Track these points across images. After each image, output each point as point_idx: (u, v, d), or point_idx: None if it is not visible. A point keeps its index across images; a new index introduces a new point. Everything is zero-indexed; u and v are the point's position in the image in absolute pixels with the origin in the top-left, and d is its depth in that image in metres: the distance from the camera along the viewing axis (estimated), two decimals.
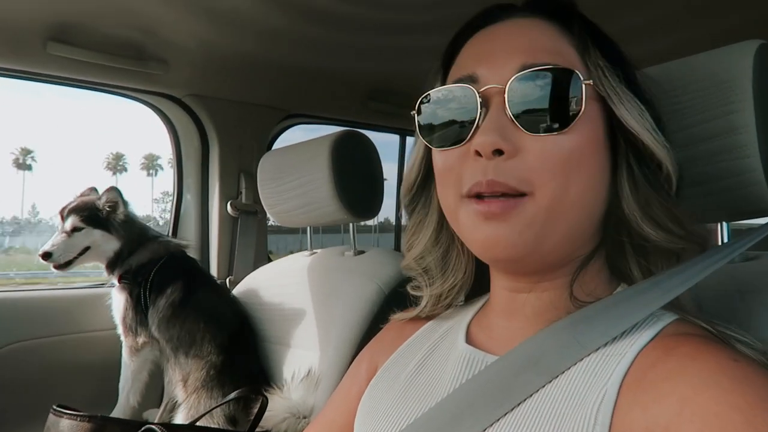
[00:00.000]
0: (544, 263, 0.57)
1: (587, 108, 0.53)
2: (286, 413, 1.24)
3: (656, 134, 0.54)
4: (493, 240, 0.54)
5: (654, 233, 0.54)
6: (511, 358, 0.55)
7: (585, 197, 0.54)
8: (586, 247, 0.58)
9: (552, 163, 0.52)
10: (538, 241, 0.53)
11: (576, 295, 0.56)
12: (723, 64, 0.63)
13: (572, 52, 0.55)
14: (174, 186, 2.03)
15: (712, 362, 0.45)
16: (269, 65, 1.79)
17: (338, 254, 1.51)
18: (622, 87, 0.54)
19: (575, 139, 0.52)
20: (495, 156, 0.53)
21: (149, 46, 1.61)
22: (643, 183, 0.55)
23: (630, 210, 0.55)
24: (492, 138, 0.52)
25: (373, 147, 1.44)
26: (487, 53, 0.57)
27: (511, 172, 0.52)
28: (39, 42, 1.46)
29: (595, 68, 0.54)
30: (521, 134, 0.53)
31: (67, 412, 1.08)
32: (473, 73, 0.56)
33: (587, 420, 0.47)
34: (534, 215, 0.52)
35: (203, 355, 1.47)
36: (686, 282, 0.52)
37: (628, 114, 0.53)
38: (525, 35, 0.56)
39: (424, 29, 1.51)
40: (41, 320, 1.63)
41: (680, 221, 0.54)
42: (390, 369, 0.71)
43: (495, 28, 0.58)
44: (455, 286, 0.69)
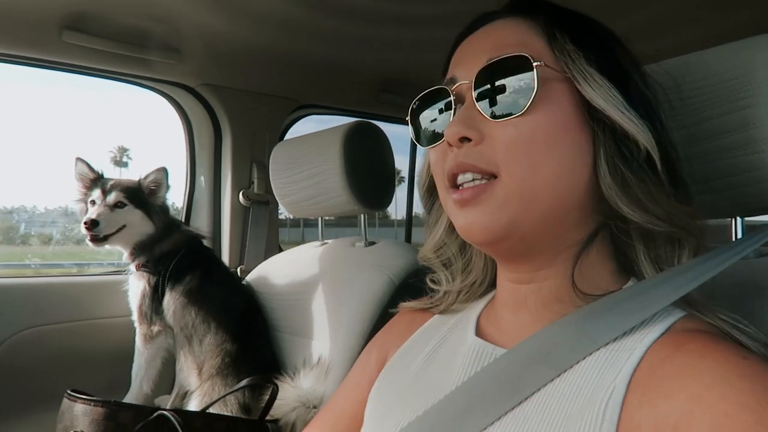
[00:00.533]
0: (530, 246, 0.58)
1: (549, 90, 0.55)
2: (296, 402, 1.25)
3: (626, 111, 0.54)
4: (469, 225, 0.57)
5: (634, 214, 0.54)
6: (521, 350, 0.56)
7: (559, 178, 0.55)
8: (577, 230, 0.58)
9: (516, 144, 0.54)
10: (513, 223, 0.55)
11: (580, 287, 0.56)
12: (738, 58, 0.63)
13: (539, 41, 0.58)
14: (186, 175, 2.04)
15: (722, 360, 0.45)
16: (282, 56, 1.79)
17: (349, 245, 1.52)
18: (588, 68, 0.55)
19: (537, 120, 0.54)
20: (463, 143, 0.57)
21: (163, 36, 1.61)
22: (619, 162, 0.55)
23: (607, 189, 0.55)
24: (456, 128, 0.56)
25: (385, 138, 1.44)
26: (463, 57, 0.62)
27: (477, 156, 0.56)
28: (54, 30, 1.47)
29: (562, 53, 0.56)
30: (488, 122, 0.56)
31: (81, 396, 1.10)
32: (453, 76, 0.61)
33: (595, 416, 0.47)
34: (505, 198, 0.55)
35: (218, 343, 1.48)
36: (698, 278, 0.52)
37: (594, 92, 0.54)
38: (494, 35, 0.60)
39: (437, 21, 1.50)
40: (56, 306, 1.65)
41: (659, 202, 0.54)
42: (400, 360, 0.71)
43: (472, 36, 0.63)
44: (475, 282, 0.71)
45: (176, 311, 1.54)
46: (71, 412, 1.09)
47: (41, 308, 1.62)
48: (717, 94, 0.63)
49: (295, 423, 1.23)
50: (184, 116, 2.00)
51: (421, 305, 0.76)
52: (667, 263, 0.56)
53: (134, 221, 1.59)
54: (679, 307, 0.53)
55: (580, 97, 0.55)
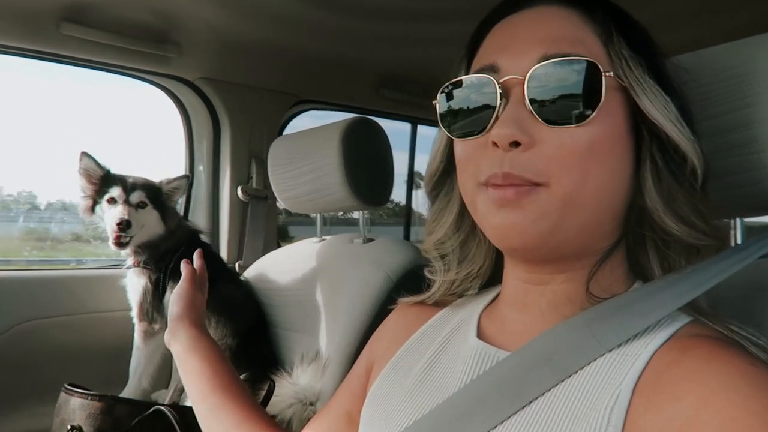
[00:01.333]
0: (560, 254, 0.56)
1: (608, 99, 0.52)
2: (292, 399, 1.25)
3: (681, 126, 0.52)
4: (507, 226, 0.54)
5: (676, 227, 0.53)
6: (524, 354, 0.55)
7: (604, 190, 0.53)
8: (605, 240, 0.57)
9: (570, 155, 0.51)
10: (553, 231, 0.53)
11: (592, 291, 0.55)
12: (740, 57, 0.62)
13: (595, 40, 0.54)
14: (185, 170, 2.03)
15: (730, 365, 0.44)
16: (282, 50, 1.78)
17: (347, 241, 1.51)
18: (645, 77, 0.53)
19: (594, 131, 0.51)
20: (512, 148, 0.52)
21: (162, 29, 1.61)
22: (666, 176, 0.53)
23: (652, 203, 0.54)
24: (509, 130, 0.52)
25: (384, 134, 1.43)
26: (509, 43, 0.56)
27: (527, 165, 0.52)
28: (53, 22, 1.47)
29: (618, 58, 0.53)
30: (540, 126, 0.52)
31: (78, 390, 1.10)
32: (494, 63, 0.55)
33: (600, 421, 0.47)
34: (549, 205, 0.52)
35: (218, 338, 1.48)
36: (705, 283, 0.51)
37: (651, 105, 0.52)
38: (547, 24, 0.55)
39: (439, 17, 1.50)
40: (54, 300, 1.65)
41: (704, 216, 0.53)
42: (401, 362, 0.70)
43: (518, 17, 0.57)
44: (470, 275, 0.69)
45: None
46: (68, 406, 1.09)
47: (39, 301, 1.62)
48: (718, 92, 0.63)
49: (291, 419, 1.23)
50: (182, 110, 1.99)
51: (417, 299, 0.75)
52: (675, 266, 0.55)
53: (151, 222, 1.55)
54: (685, 312, 0.52)
55: (633, 107, 0.53)
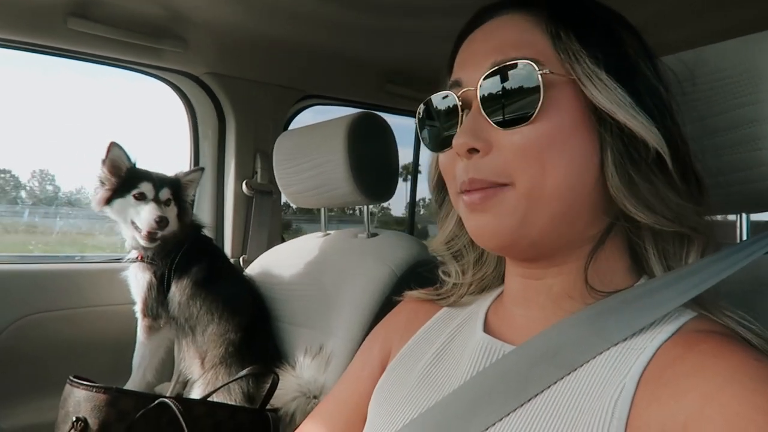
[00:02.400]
0: (545, 248, 0.57)
1: (553, 95, 0.53)
2: (296, 392, 1.25)
3: (634, 111, 0.52)
4: (479, 230, 0.57)
5: (641, 215, 0.53)
6: (529, 348, 0.55)
7: (567, 181, 0.54)
8: (589, 230, 0.57)
9: (525, 153, 0.54)
10: (523, 228, 0.55)
11: (591, 284, 0.56)
12: (748, 53, 0.62)
13: (544, 40, 0.56)
14: (190, 164, 2.04)
15: (735, 361, 0.44)
16: (288, 45, 1.78)
17: (351, 236, 1.52)
18: (595, 69, 0.53)
19: (545, 127, 0.53)
20: (472, 154, 0.56)
21: (169, 24, 1.61)
22: (627, 163, 0.53)
23: (615, 191, 0.54)
24: (463, 139, 0.55)
25: (390, 130, 1.43)
26: (467, 58, 0.60)
27: (487, 169, 0.55)
28: (60, 17, 1.47)
29: (566, 53, 0.54)
30: (495, 131, 0.55)
31: (83, 383, 1.10)
32: (458, 79, 0.60)
33: (604, 414, 0.47)
34: (515, 203, 0.54)
35: (222, 333, 1.48)
36: (710, 279, 0.52)
37: (600, 95, 0.53)
38: (497, 34, 0.58)
39: (444, 12, 1.50)
40: (59, 293, 1.66)
41: (667, 202, 0.53)
42: (408, 356, 0.71)
43: (475, 33, 0.61)
44: (486, 275, 0.71)
45: (182, 302, 1.53)
46: (73, 398, 1.09)
47: (44, 294, 1.63)
48: (724, 89, 0.63)
49: (294, 412, 1.24)
50: (188, 105, 2.00)
51: (427, 296, 0.75)
52: (675, 261, 0.55)
53: (172, 219, 1.55)
54: (690, 307, 0.52)
55: (587, 99, 0.54)
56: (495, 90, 0.55)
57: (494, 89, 0.55)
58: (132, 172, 1.53)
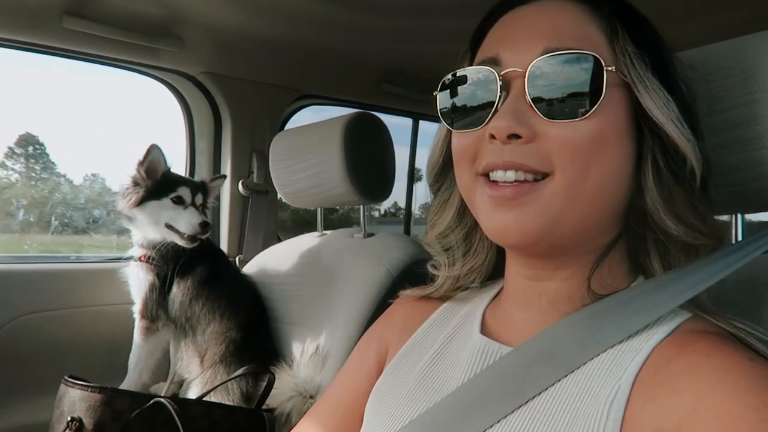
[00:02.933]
0: (558, 249, 0.56)
1: (609, 95, 0.51)
2: (292, 392, 1.25)
3: (681, 126, 0.52)
4: (503, 227, 0.54)
5: (675, 228, 0.53)
6: (526, 350, 0.55)
7: (604, 184, 0.53)
8: (603, 237, 0.57)
9: (571, 148, 0.51)
10: (552, 226, 0.53)
11: (593, 288, 0.55)
12: (747, 52, 0.62)
13: (599, 35, 0.54)
14: (186, 164, 2.03)
15: (728, 360, 0.44)
16: (284, 45, 1.78)
17: (348, 236, 1.51)
18: (648, 74, 0.52)
19: (595, 126, 0.51)
20: (510, 140, 0.52)
21: (165, 23, 1.60)
22: (667, 176, 0.53)
23: (653, 203, 0.53)
24: (507, 122, 0.52)
25: (386, 130, 1.43)
26: (511, 36, 0.56)
27: (529, 155, 0.52)
28: (55, 16, 1.46)
29: (622, 54, 0.53)
30: (540, 119, 0.52)
31: (78, 382, 1.09)
32: (496, 56, 0.55)
33: (600, 415, 0.47)
34: (550, 199, 0.52)
35: (223, 331, 1.48)
36: (706, 280, 0.52)
37: (653, 103, 0.52)
38: (550, 18, 0.55)
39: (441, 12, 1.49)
40: (55, 293, 1.65)
41: (703, 217, 0.53)
42: (406, 357, 0.70)
43: (521, 11, 0.57)
44: (474, 269, 0.69)
45: (184, 303, 1.52)
46: (68, 398, 1.09)
47: (40, 294, 1.62)
48: (723, 88, 0.63)
49: (291, 412, 1.23)
50: (184, 104, 1.99)
51: (420, 293, 0.75)
52: (676, 263, 0.55)
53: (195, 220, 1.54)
54: (686, 308, 0.52)
55: (635, 104, 0.53)
56: (548, 77, 0.51)
57: (548, 76, 0.52)
58: (168, 176, 1.54)
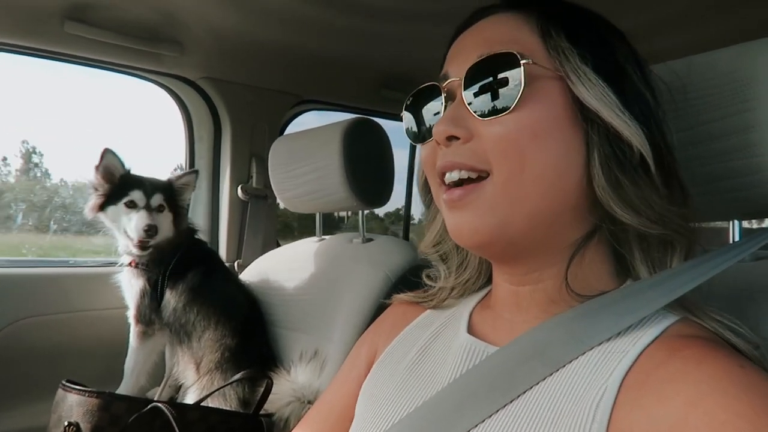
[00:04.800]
0: (520, 248, 0.57)
1: (538, 88, 0.54)
2: (290, 397, 1.25)
3: (621, 113, 0.53)
4: (459, 226, 0.58)
5: (627, 216, 0.53)
6: (515, 348, 0.55)
7: (547, 177, 0.54)
8: (570, 232, 0.57)
9: (504, 142, 0.54)
10: (502, 225, 0.55)
11: (575, 288, 0.56)
12: (741, 61, 0.63)
13: (533, 37, 0.56)
14: (185, 168, 2.04)
15: (719, 367, 0.44)
16: (284, 50, 1.79)
17: (347, 241, 1.52)
18: (583, 67, 0.54)
19: (525, 119, 0.54)
20: (451, 142, 0.57)
21: (165, 28, 1.61)
22: (613, 163, 0.54)
23: (601, 191, 0.54)
24: (444, 126, 0.56)
25: (385, 135, 1.44)
26: (456, 53, 0.61)
27: (467, 153, 0.56)
28: (57, 21, 1.47)
29: (555, 50, 0.55)
30: (476, 120, 0.56)
31: (75, 387, 1.10)
32: (445, 72, 0.61)
33: (586, 416, 0.47)
34: (493, 198, 0.55)
35: (218, 338, 1.47)
36: (693, 281, 0.52)
37: (588, 92, 0.53)
38: (488, 30, 0.59)
39: (440, 17, 1.50)
40: (51, 297, 1.65)
41: (652, 204, 0.53)
42: (392, 354, 0.71)
43: (469, 30, 0.61)
44: (469, 279, 0.71)
45: (177, 309, 1.51)
46: (66, 403, 1.09)
47: (37, 299, 1.62)
48: (718, 96, 0.63)
49: (289, 418, 1.23)
50: (184, 109, 2.00)
51: (413, 298, 0.76)
52: (660, 265, 0.55)
53: (166, 226, 1.52)
54: (675, 310, 0.52)
55: (574, 97, 0.54)
56: (478, 80, 0.56)
57: (477, 79, 0.56)
58: (125, 179, 1.50)
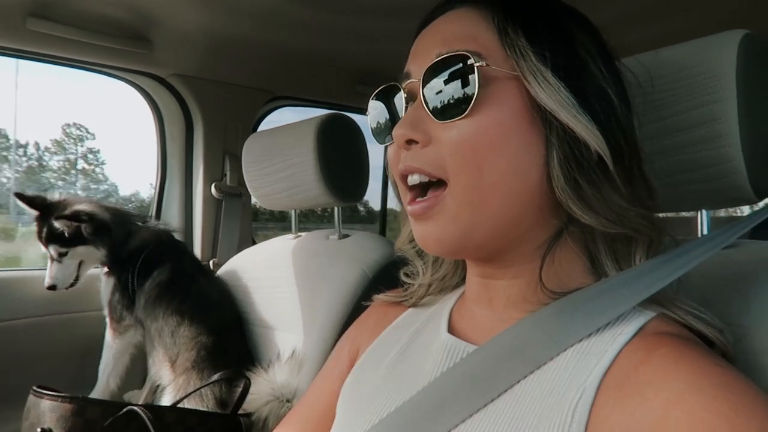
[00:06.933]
0: (490, 250, 0.57)
1: (493, 89, 0.53)
2: (269, 396, 1.24)
3: (577, 113, 0.52)
4: (424, 238, 0.57)
5: (585, 217, 0.53)
6: (491, 348, 0.55)
7: (508, 180, 0.53)
8: (539, 232, 0.57)
9: (461, 148, 0.53)
10: (466, 234, 0.55)
11: (548, 286, 0.56)
12: (707, 53, 0.64)
13: (491, 35, 0.55)
14: (157, 167, 2.01)
15: (696, 367, 0.45)
16: (256, 46, 1.77)
17: (323, 238, 1.51)
18: (540, 66, 0.52)
19: (481, 122, 0.53)
20: (411, 146, 0.56)
21: (133, 25, 1.58)
22: (572, 164, 0.53)
23: (560, 191, 0.53)
24: (401, 130, 0.55)
25: (359, 130, 1.43)
26: (417, 50, 0.60)
27: (424, 159, 0.55)
28: (19, 17, 1.43)
29: (512, 48, 0.53)
30: (434, 124, 0.55)
31: (47, 393, 1.07)
32: (407, 71, 0.59)
33: (565, 416, 0.47)
34: (456, 208, 0.54)
35: (193, 336, 1.46)
36: (668, 276, 0.52)
37: (543, 92, 0.52)
38: (447, 26, 0.58)
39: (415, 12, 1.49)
40: (21, 301, 1.62)
41: (609, 205, 0.53)
42: (372, 354, 0.71)
43: (430, 26, 0.60)
44: (446, 275, 0.71)
45: (146, 304, 1.52)
46: (37, 409, 1.07)
47: (6, 303, 1.58)
48: (685, 88, 0.64)
49: (267, 417, 1.23)
50: (154, 107, 1.97)
51: (394, 298, 0.75)
52: (625, 262, 0.55)
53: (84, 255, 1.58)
54: (650, 307, 0.53)
55: (531, 97, 0.53)
56: (435, 82, 0.54)
57: (435, 81, 0.54)
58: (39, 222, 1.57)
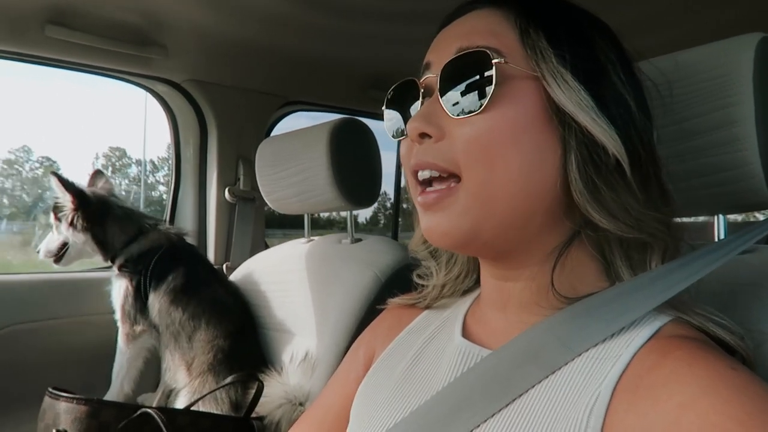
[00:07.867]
0: (497, 249, 0.57)
1: (510, 87, 0.53)
2: (282, 399, 1.24)
3: (597, 116, 0.51)
4: (431, 229, 0.57)
5: (603, 221, 0.52)
6: (505, 352, 0.55)
7: (520, 179, 0.53)
8: (549, 235, 0.56)
9: (475, 145, 0.53)
10: (474, 229, 0.54)
11: (560, 290, 0.55)
12: (723, 56, 0.63)
13: (512, 35, 0.55)
14: (171, 172, 2.02)
15: (711, 370, 0.44)
16: (270, 51, 1.78)
17: (335, 242, 1.51)
18: (561, 68, 0.52)
19: (496, 119, 0.52)
20: (424, 140, 0.56)
21: (149, 31, 1.60)
22: (591, 168, 0.52)
23: (578, 195, 0.53)
24: (415, 123, 0.55)
25: (372, 135, 1.43)
26: (437, 43, 0.60)
27: (437, 154, 0.55)
28: (37, 24, 1.45)
29: (532, 49, 0.53)
30: (449, 119, 0.54)
31: (63, 394, 1.08)
32: (427, 62, 0.59)
33: (580, 421, 0.47)
34: (467, 203, 0.54)
35: (210, 339, 1.47)
36: (685, 280, 0.51)
37: (563, 94, 0.52)
38: (469, 22, 0.58)
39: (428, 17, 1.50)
40: (38, 304, 1.63)
41: (628, 209, 0.52)
42: (388, 359, 0.71)
43: (453, 23, 0.60)
44: (459, 275, 0.70)
45: (161, 309, 1.53)
46: (53, 410, 1.08)
47: (23, 305, 1.60)
48: (702, 92, 0.64)
49: (280, 420, 1.23)
50: (169, 112, 1.98)
51: (408, 301, 0.75)
52: (640, 267, 0.55)
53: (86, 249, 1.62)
54: (666, 311, 0.52)
55: (549, 98, 0.53)
56: (453, 76, 0.54)
57: (453, 75, 0.54)
58: None
